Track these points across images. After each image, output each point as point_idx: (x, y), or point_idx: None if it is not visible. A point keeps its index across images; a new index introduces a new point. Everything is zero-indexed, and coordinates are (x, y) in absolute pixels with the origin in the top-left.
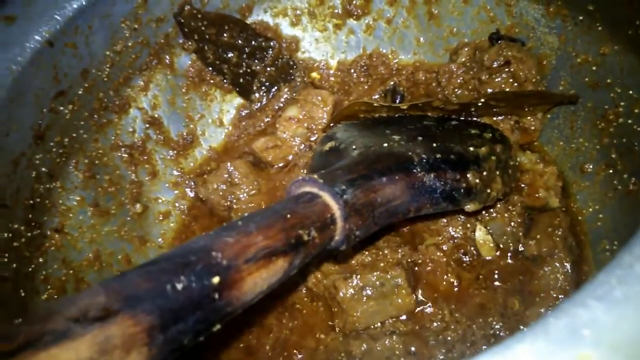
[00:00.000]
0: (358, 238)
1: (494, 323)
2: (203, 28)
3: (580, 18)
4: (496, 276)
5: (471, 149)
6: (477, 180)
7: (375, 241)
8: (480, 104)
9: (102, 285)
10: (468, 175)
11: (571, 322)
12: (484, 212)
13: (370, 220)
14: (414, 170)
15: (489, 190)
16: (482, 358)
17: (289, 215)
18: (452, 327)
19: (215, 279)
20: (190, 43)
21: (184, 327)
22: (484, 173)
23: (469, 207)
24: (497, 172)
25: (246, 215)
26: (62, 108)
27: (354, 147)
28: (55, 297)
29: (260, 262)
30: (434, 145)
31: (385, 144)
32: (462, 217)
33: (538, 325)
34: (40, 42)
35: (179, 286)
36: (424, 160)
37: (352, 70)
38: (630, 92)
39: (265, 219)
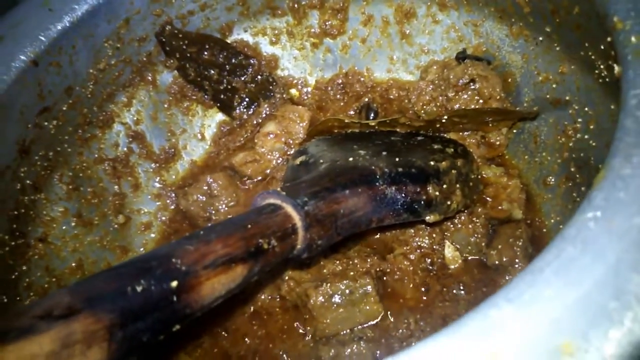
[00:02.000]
0: (320, 247)
1: None
2: (184, 47)
3: (540, 39)
4: (461, 287)
5: (432, 163)
6: (437, 193)
7: (346, 251)
8: (444, 120)
9: (68, 287)
10: (428, 188)
11: (484, 321)
12: (449, 223)
13: (333, 231)
14: (376, 183)
15: (449, 203)
16: (401, 354)
17: (249, 225)
18: (417, 335)
19: (174, 283)
20: (172, 61)
21: (143, 325)
22: (444, 186)
23: (430, 218)
24: (458, 185)
25: (209, 225)
26: (46, 123)
27: (321, 161)
28: None
29: (219, 268)
30: (397, 159)
31: (351, 158)
32: (428, 227)
33: (457, 323)
34: (25, 62)
35: (139, 289)
36: (386, 174)
37: (329, 88)
38: (586, 109)
39: (226, 228)
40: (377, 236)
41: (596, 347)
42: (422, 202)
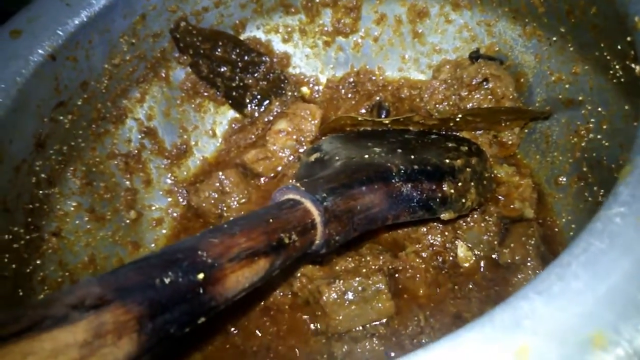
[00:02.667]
0: (338, 243)
1: None
2: (198, 43)
3: (554, 39)
4: (473, 285)
5: (447, 161)
6: (452, 191)
7: (358, 248)
8: (458, 119)
9: (97, 278)
10: (443, 186)
11: (514, 313)
12: (461, 221)
13: (350, 227)
14: (392, 180)
15: (463, 200)
16: (433, 345)
17: (271, 220)
18: (427, 332)
19: (200, 275)
20: (185, 57)
21: (171, 317)
22: (459, 184)
23: (445, 216)
24: (472, 183)
25: (232, 219)
26: (62, 118)
27: (337, 158)
28: None
29: (243, 261)
30: (412, 157)
31: (367, 156)
32: (441, 225)
33: (486, 316)
34: (43, 56)
35: (167, 280)
36: (402, 171)
37: (341, 87)
38: (599, 109)
39: (248, 222)
40: (389, 234)
41: (627, 340)
42: (438, 200)
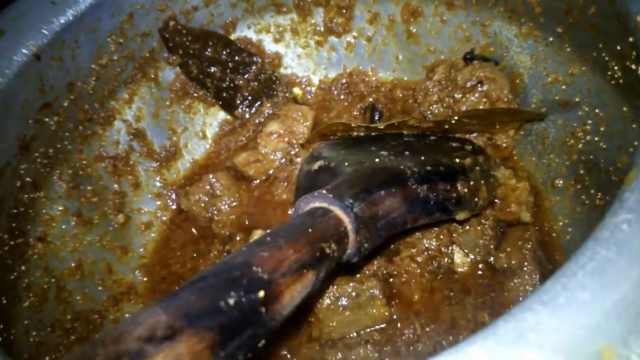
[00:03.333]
0: (367, 250)
1: (463, 338)
2: (187, 43)
3: (551, 39)
4: (467, 291)
5: (457, 160)
6: (466, 190)
7: None
8: (453, 121)
9: (159, 304)
10: (457, 186)
11: (518, 326)
12: (457, 225)
13: (375, 233)
14: (408, 183)
15: (476, 199)
16: (437, 358)
17: (310, 230)
18: (423, 339)
19: (261, 293)
20: (174, 57)
21: (240, 342)
22: (471, 183)
23: (460, 216)
24: (482, 182)
25: (270, 231)
26: (47, 119)
27: (346, 164)
28: (37, 304)
29: (294, 275)
30: (422, 158)
31: (377, 160)
32: (436, 229)
33: (489, 328)
34: (27, 55)
35: (231, 301)
36: (416, 173)
37: (333, 88)
38: (597, 110)
39: (290, 233)
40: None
41: (637, 354)
42: (453, 200)
